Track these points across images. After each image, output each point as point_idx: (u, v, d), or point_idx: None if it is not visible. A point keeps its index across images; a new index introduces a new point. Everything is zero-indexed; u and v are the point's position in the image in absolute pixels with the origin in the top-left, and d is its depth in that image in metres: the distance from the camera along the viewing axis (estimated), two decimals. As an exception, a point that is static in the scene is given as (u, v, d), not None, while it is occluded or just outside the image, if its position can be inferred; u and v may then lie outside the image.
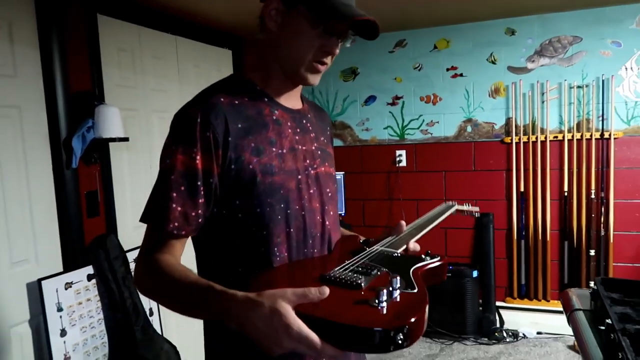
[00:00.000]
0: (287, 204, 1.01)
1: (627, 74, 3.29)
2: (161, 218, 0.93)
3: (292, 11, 0.98)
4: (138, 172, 2.69)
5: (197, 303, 0.88)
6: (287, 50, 1.01)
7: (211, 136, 0.93)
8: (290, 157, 1.03)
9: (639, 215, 3.31)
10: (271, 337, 0.76)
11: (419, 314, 0.80)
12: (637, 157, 3.30)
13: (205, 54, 3.28)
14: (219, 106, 0.96)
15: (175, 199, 0.93)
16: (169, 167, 0.94)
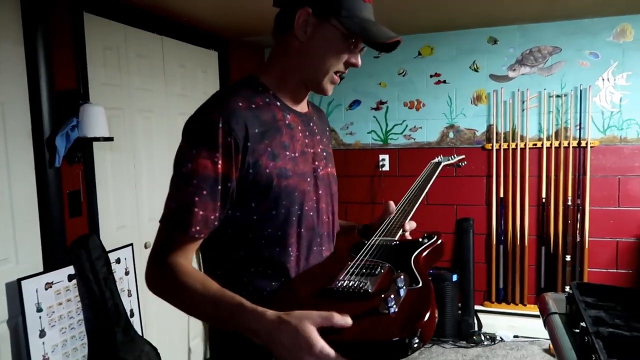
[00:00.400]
0: (300, 206, 1.05)
1: (604, 85, 3.39)
2: (184, 222, 0.94)
3: (324, 24, 1.02)
4: (121, 172, 2.67)
5: (222, 317, 0.89)
6: (312, 60, 1.04)
7: (232, 141, 0.95)
8: (302, 160, 1.06)
9: (613, 222, 3.41)
10: (295, 354, 0.80)
11: (428, 311, 0.85)
12: (611, 166, 3.40)
13: (191, 54, 3.27)
14: (238, 111, 0.98)
15: (198, 203, 0.94)
16: (191, 171, 0.95)
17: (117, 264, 2.50)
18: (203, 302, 0.91)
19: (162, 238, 0.99)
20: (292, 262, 1.05)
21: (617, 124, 3.38)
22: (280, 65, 1.08)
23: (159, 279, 0.99)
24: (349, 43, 1.04)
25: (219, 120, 0.95)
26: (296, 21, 1.02)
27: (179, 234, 0.96)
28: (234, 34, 3.60)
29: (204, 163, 0.95)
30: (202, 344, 3.38)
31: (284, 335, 0.81)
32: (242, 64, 3.81)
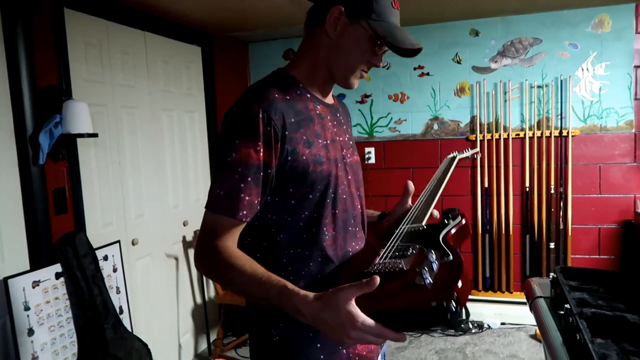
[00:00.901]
0: (334, 189, 1.12)
1: (584, 75, 3.45)
2: (232, 206, 1.01)
3: (354, 24, 1.09)
4: (107, 168, 2.65)
5: (268, 298, 0.96)
6: (341, 57, 1.11)
7: (272, 131, 1.02)
8: (332, 147, 1.14)
9: (595, 209, 3.48)
10: (339, 330, 0.87)
11: (461, 278, 0.90)
12: (592, 154, 3.47)
13: (174, 50, 3.25)
14: (276, 102, 1.05)
15: (243, 189, 1.02)
16: (235, 160, 1.02)
17: (105, 261, 2.49)
18: (250, 283, 0.98)
19: (210, 223, 1.04)
20: (329, 242, 1.12)
21: (597, 113, 3.45)
22: (310, 59, 1.15)
23: (209, 261, 1.04)
24: (374, 45, 1.10)
25: (259, 112, 1.02)
26: (328, 17, 1.08)
27: (227, 218, 1.02)
28: (218, 30, 3.59)
29: (247, 152, 1.01)
30: (193, 339, 3.38)
31: (327, 314, 0.87)
32: (226, 59, 3.80)
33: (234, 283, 1.01)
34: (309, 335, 1.09)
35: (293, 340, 1.10)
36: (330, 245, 1.12)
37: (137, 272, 2.85)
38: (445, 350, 3.30)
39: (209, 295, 3.49)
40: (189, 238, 3.32)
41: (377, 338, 0.87)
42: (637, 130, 3.39)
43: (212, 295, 3.50)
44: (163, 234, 3.10)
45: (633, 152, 3.41)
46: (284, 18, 3.33)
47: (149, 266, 2.96)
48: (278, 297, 0.94)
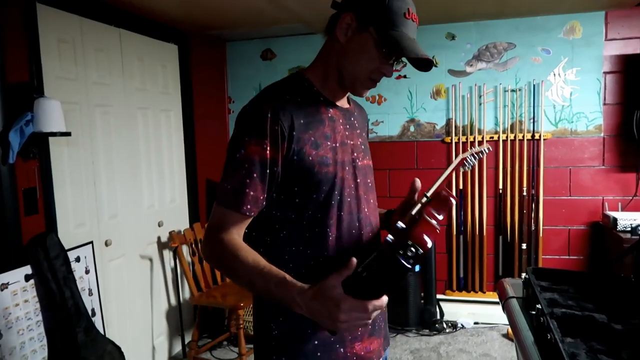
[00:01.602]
0: (340, 191, 1.15)
1: (555, 80, 3.54)
2: (237, 201, 1.07)
3: (363, 31, 1.10)
4: (79, 168, 2.59)
5: (269, 289, 1.01)
6: (349, 63, 1.13)
7: (279, 130, 1.06)
8: (341, 150, 1.17)
9: (565, 211, 3.58)
10: (330, 316, 0.94)
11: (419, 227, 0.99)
12: (563, 157, 3.56)
13: (150, 48, 3.21)
14: (286, 103, 1.09)
15: (249, 185, 1.07)
16: (243, 156, 1.06)
17: (77, 263, 2.44)
18: (253, 274, 1.03)
19: (217, 215, 1.10)
20: (332, 242, 1.14)
21: (568, 117, 3.54)
22: (324, 64, 1.18)
23: (216, 252, 1.09)
24: (381, 52, 1.10)
25: (268, 111, 1.06)
26: (339, 23, 1.12)
27: (232, 212, 1.08)
28: (194, 28, 3.55)
29: (255, 149, 1.06)
30: (167, 341, 3.34)
31: (317, 303, 0.95)
32: (203, 58, 3.77)
33: (238, 274, 1.06)
34: (307, 331, 1.12)
35: (291, 335, 1.13)
36: (333, 246, 1.15)
37: (110, 274, 2.80)
38: (420, 350, 3.34)
39: (183, 296, 3.46)
40: (163, 239, 3.27)
41: (364, 313, 0.94)
42: (606, 134, 3.49)
43: (187, 297, 3.46)
44: (137, 234, 3.05)
45: (601, 155, 3.51)
46: (262, 18, 3.32)
47: (123, 267, 2.92)
48: (277, 288, 1.00)
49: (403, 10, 1.09)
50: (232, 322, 3.51)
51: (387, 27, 1.08)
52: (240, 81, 4.11)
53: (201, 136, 3.72)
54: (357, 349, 1.17)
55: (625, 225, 3.09)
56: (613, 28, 3.43)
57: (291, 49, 3.97)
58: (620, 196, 3.48)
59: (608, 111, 3.49)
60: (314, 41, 3.86)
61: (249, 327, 3.66)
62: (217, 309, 3.59)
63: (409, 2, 1.12)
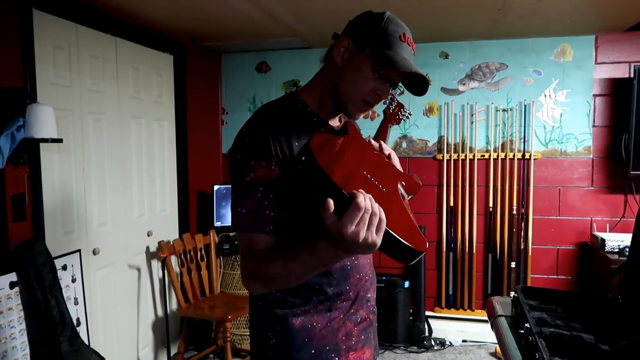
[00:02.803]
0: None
1: (546, 101, 3.59)
2: (259, 224, 1.09)
3: (359, 52, 1.13)
4: (70, 175, 2.58)
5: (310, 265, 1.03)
6: (344, 83, 1.15)
7: (280, 152, 1.10)
8: None
9: (554, 230, 3.60)
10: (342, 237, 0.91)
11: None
12: (552, 177, 3.60)
13: (145, 57, 3.21)
14: (283, 125, 1.12)
15: (267, 207, 1.09)
16: (254, 179, 1.09)
17: (64, 271, 2.40)
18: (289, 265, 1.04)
19: (245, 243, 1.12)
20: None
21: (558, 137, 3.59)
22: (321, 86, 1.21)
23: (256, 274, 1.10)
24: (376, 72, 1.12)
25: (269, 134, 1.09)
26: (337, 46, 1.15)
27: (256, 235, 1.09)
28: (190, 39, 3.57)
29: (264, 171, 1.08)
30: (152, 353, 3.29)
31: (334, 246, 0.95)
32: (198, 68, 3.78)
33: (279, 278, 1.08)
34: (304, 340, 1.14)
35: (289, 345, 1.14)
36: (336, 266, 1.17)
37: (97, 283, 2.77)
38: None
39: (170, 307, 3.42)
40: (152, 248, 3.24)
41: (359, 211, 0.89)
42: (595, 156, 3.54)
43: (174, 308, 3.42)
44: (126, 243, 3.02)
45: (590, 176, 3.55)
46: (257, 30, 3.34)
47: (110, 277, 2.88)
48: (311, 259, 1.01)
49: (399, 33, 1.12)
50: (219, 335, 3.47)
51: (382, 48, 1.10)
52: (234, 93, 4.12)
53: (194, 147, 3.71)
54: (351, 358, 1.18)
55: (613, 246, 3.12)
56: (603, 52, 3.50)
57: (286, 62, 4.00)
58: (609, 217, 3.51)
59: (597, 133, 3.54)
60: (309, 55, 3.90)
61: (236, 340, 3.62)
62: (204, 321, 3.55)
63: (404, 28, 1.14)
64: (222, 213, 3.65)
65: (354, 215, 0.89)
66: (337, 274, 1.19)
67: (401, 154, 3.84)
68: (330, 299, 1.18)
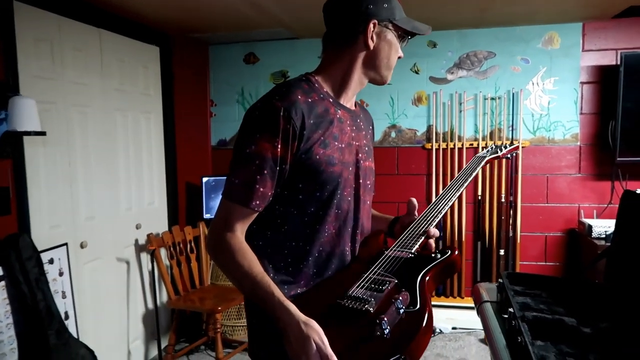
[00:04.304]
0: (341, 190, 1.20)
1: (534, 89, 3.60)
2: (246, 196, 1.10)
3: (384, 30, 1.23)
4: (55, 168, 2.55)
5: (257, 297, 1.07)
6: (382, 61, 1.24)
7: (290, 129, 1.10)
8: (347, 151, 1.22)
9: (542, 218, 3.63)
10: (299, 350, 0.97)
11: (420, 333, 0.95)
12: (541, 165, 3.62)
13: (131, 49, 3.18)
14: (297, 102, 1.12)
15: (259, 181, 1.10)
16: (254, 152, 1.10)
17: (51, 265, 2.39)
18: (245, 280, 1.08)
19: (224, 210, 1.13)
20: (328, 239, 1.20)
21: (546, 125, 3.60)
22: (342, 70, 1.24)
23: (217, 249, 1.13)
24: (402, 40, 1.27)
25: (280, 109, 1.10)
26: (367, 33, 1.20)
27: (240, 207, 1.11)
28: (177, 30, 3.53)
29: (266, 146, 1.09)
30: (143, 346, 3.29)
31: (295, 336, 0.98)
32: (185, 60, 3.75)
33: (232, 275, 1.11)
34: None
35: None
36: (329, 242, 1.20)
37: (86, 276, 2.76)
38: (399, 355, 3.34)
39: (161, 300, 3.41)
40: (141, 241, 3.23)
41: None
42: (582, 143, 3.56)
43: (164, 300, 3.42)
44: (114, 237, 3.01)
45: (578, 164, 3.57)
46: (244, 21, 3.31)
47: (98, 270, 2.87)
48: (263, 299, 1.05)
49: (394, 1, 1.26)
50: (210, 326, 3.47)
51: (399, 19, 1.24)
52: (222, 84, 4.09)
53: (182, 139, 3.69)
54: None
55: (599, 233, 3.15)
56: (590, 39, 3.51)
57: (274, 53, 3.98)
58: (596, 204, 3.54)
59: (584, 120, 3.56)
60: (297, 46, 3.87)
61: (227, 331, 3.63)
62: (195, 313, 3.55)
63: None
64: (211, 205, 3.64)
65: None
66: (337, 260, 1.23)
67: (390, 143, 3.84)
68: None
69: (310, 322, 1.00)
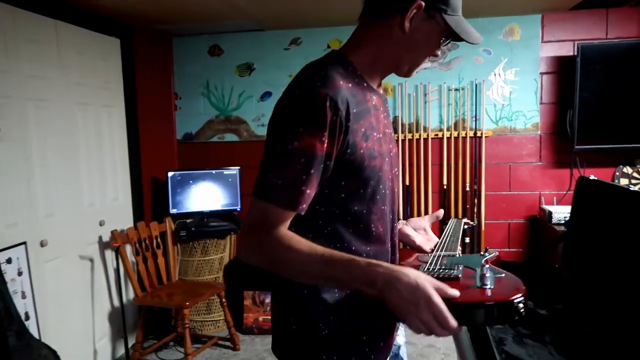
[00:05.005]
0: (383, 184, 1.10)
1: (496, 80, 3.67)
2: (293, 199, 0.96)
3: (429, 19, 1.05)
4: (10, 165, 2.47)
5: (334, 273, 0.92)
6: (411, 50, 1.08)
7: (337, 121, 0.96)
8: (384, 140, 1.11)
9: (505, 205, 3.72)
10: (412, 306, 0.85)
11: (524, 286, 0.94)
12: (503, 154, 3.71)
13: (89, 41, 3.09)
14: (342, 90, 0.99)
15: (305, 182, 0.96)
16: (298, 149, 0.95)
17: (8, 264, 2.32)
18: (311, 263, 0.93)
19: (262, 212, 0.97)
20: (375, 237, 1.11)
21: (507, 115, 3.69)
22: (375, 49, 1.09)
23: (263, 252, 0.98)
24: (442, 38, 1.09)
25: (326, 99, 0.95)
26: (409, 12, 1.03)
27: (286, 210, 0.97)
28: (139, 22, 3.45)
29: (311, 142, 0.95)
30: (110, 344, 3.23)
31: (404, 285, 0.86)
32: (148, 53, 3.67)
33: (293, 267, 0.97)
34: (357, 327, 1.08)
35: (343, 334, 1.08)
36: (376, 240, 1.11)
37: (47, 276, 2.68)
38: (368, 344, 3.38)
39: (127, 297, 3.36)
40: (105, 238, 3.16)
41: (441, 326, 0.86)
42: (542, 132, 3.66)
43: (130, 297, 3.36)
44: (77, 234, 2.94)
45: (539, 152, 3.67)
46: (209, 13, 3.26)
47: (61, 269, 2.80)
48: (343, 269, 0.91)
49: None
50: (178, 322, 3.44)
51: (452, 14, 1.06)
52: (187, 77, 4.03)
53: (146, 133, 3.63)
54: (389, 342, 1.18)
55: (559, 219, 3.25)
56: (549, 31, 3.60)
57: (240, 45, 3.93)
58: (556, 191, 3.66)
59: (544, 110, 3.66)
60: (263, 37, 3.84)
61: (196, 326, 3.60)
62: (163, 309, 3.51)
63: None
64: (177, 200, 3.59)
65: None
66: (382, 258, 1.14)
67: (357, 135, 3.85)
68: None
69: (414, 271, 0.88)
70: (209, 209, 3.66)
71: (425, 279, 0.88)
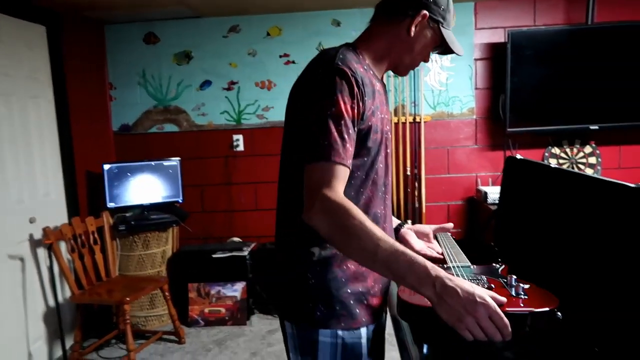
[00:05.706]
0: (381, 157, 1.25)
1: (433, 66, 3.76)
2: (342, 154, 1.08)
3: (430, 28, 1.25)
4: None
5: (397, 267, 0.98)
6: (410, 52, 1.27)
7: (359, 92, 1.13)
8: (385, 121, 1.27)
9: (444, 188, 3.84)
10: (467, 306, 0.91)
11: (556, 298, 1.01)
12: (441, 139, 3.82)
13: (11, 28, 2.91)
14: (358, 70, 1.16)
15: (348, 140, 1.10)
16: (337, 113, 1.09)
17: None
18: (381, 248, 0.99)
19: (319, 173, 1.07)
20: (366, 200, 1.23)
21: (445, 101, 3.79)
22: (384, 45, 1.27)
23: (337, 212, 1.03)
24: (435, 46, 1.28)
25: (349, 72, 1.12)
26: (416, 18, 1.22)
27: (339, 165, 1.07)
28: (67, 8, 3.28)
29: (346, 107, 1.10)
30: (46, 346, 3.09)
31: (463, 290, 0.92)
32: (78, 41, 3.50)
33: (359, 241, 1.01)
34: (342, 280, 1.20)
35: (328, 284, 1.19)
36: (367, 204, 1.23)
37: (-28, 277, 2.53)
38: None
39: (63, 295, 3.22)
40: (37, 236, 3.01)
41: (493, 329, 0.91)
42: (477, 116, 3.79)
43: (67, 296, 3.22)
44: (4, 232, 2.78)
45: (474, 136, 3.81)
46: None
47: (-13, 269, 2.64)
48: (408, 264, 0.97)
49: (451, 8, 1.28)
50: (120, 319, 3.34)
51: (446, 28, 1.25)
52: (122, 66, 3.88)
53: (79, 125, 3.47)
54: (374, 302, 1.25)
55: (494, 199, 3.39)
56: (482, 18, 3.72)
57: (176, 32, 3.83)
58: (491, 172, 3.80)
59: (479, 95, 3.78)
60: (200, 25, 3.76)
61: (139, 322, 3.51)
62: (103, 306, 3.39)
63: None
64: (115, 193, 3.47)
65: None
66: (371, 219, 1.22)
67: (299, 123, 3.85)
68: None
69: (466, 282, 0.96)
70: (149, 202, 3.56)
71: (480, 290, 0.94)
